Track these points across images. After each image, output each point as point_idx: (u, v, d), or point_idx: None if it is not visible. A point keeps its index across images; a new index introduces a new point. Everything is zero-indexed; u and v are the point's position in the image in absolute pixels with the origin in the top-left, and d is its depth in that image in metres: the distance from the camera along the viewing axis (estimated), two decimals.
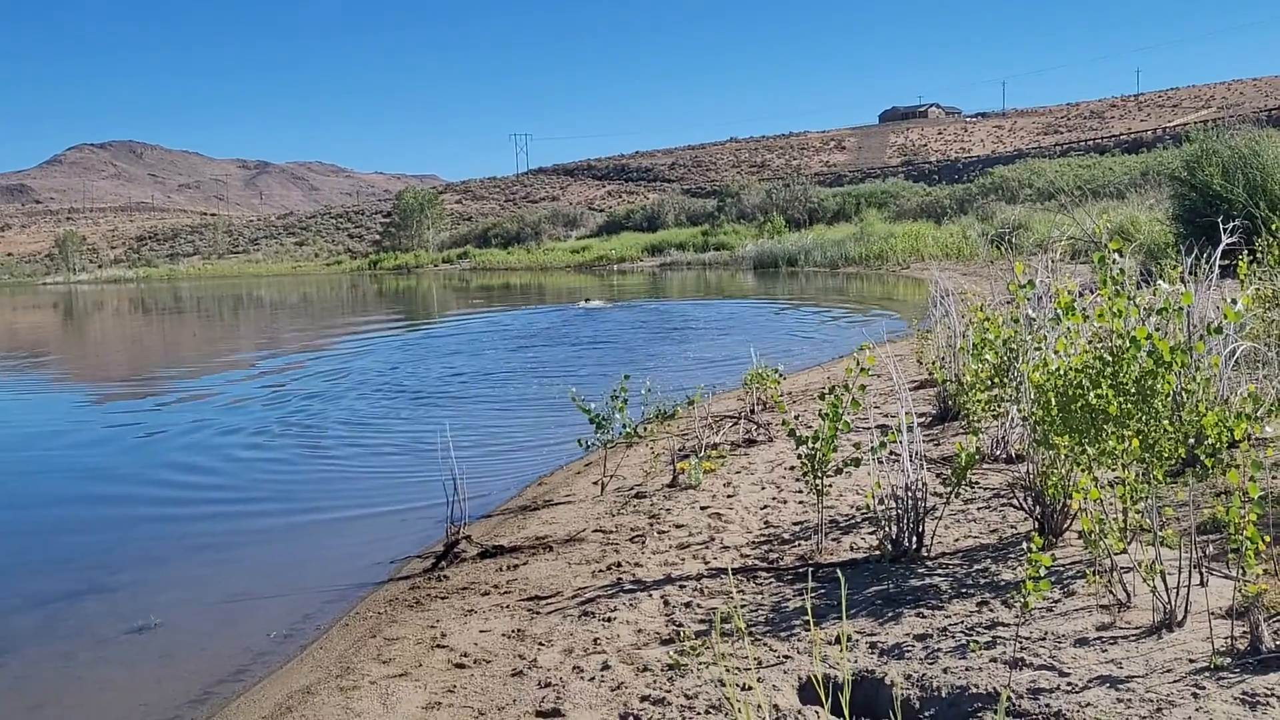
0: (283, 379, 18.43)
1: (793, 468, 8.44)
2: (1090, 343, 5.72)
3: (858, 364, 6.01)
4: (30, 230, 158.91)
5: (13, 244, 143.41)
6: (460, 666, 5.10)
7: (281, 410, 14.50)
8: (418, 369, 18.84)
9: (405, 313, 39.48)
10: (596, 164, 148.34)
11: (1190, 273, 8.25)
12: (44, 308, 57.60)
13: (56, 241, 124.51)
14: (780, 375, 10.39)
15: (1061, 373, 5.28)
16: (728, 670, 4.54)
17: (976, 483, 7.14)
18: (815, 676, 4.24)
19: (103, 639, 6.23)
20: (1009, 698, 3.95)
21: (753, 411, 10.72)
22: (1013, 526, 6.22)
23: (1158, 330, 5.95)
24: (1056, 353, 5.50)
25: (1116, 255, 5.41)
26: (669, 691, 4.42)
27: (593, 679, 4.67)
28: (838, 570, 5.62)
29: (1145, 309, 5.86)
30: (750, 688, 4.34)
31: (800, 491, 7.65)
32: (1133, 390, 4.99)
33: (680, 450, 9.02)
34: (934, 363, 9.06)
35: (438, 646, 5.41)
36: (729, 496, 7.74)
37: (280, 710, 4.92)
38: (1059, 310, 5.56)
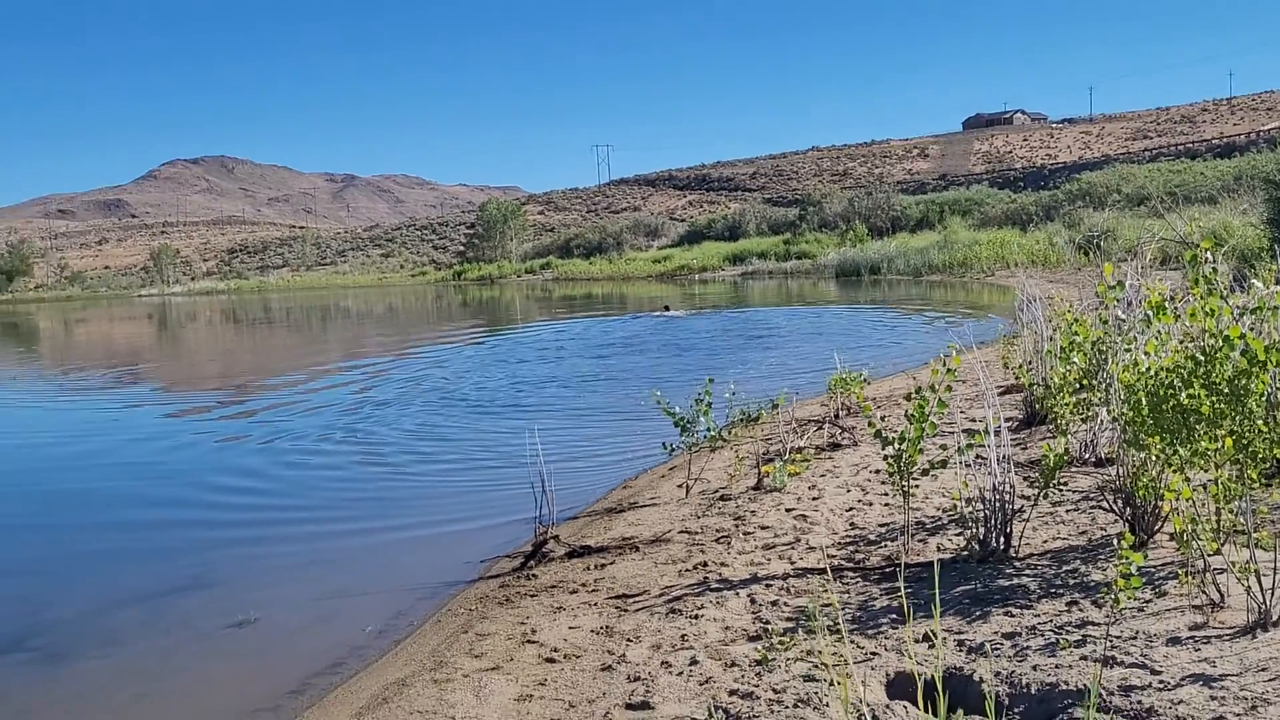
0: (371, 386, 18.77)
1: (878, 471, 8.44)
2: (1181, 343, 5.66)
3: (944, 365, 6.01)
4: (126, 244, 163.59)
5: (110, 257, 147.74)
6: (550, 661, 5.20)
7: (368, 417, 14.78)
8: (502, 377, 19.08)
9: (489, 322, 39.92)
10: (677, 174, 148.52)
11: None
12: (139, 319, 59.23)
13: (151, 254, 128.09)
14: (865, 380, 10.37)
15: (1152, 373, 5.24)
16: (816, 666, 4.58)
17: (1066, 483, 7.10)
18: (907, 671, 4.26)
19: (203, 633, 6.45)
20: (1100, 694, 3.95)
21: (837, 416, 10.71)
22: (1102, 529, 6.17)
23: (1251, 330, 5.88)
24: (1147, 354, 5.45)
25: (1209, 255, 5.34)
26: (757, 686, 4.47)
27: (681, 674, 4.74)
28: (927, 569, 5.63)
29: (1239, 308, 5.79)
30: (839, 683, 4.38)
31: (886, 494, 7.65)
32: (1225, 390, 4.93)
33: (764, 454, 9.06)
34: (1020, 367, 8.97)
35: (528, 642, 5.52)
36: (814, 499, 7.77)
37: (376, 701, 5.06)
38: (1149, 311, 5.52)
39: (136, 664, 5.99)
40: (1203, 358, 5.01)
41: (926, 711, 4.19)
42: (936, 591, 3.59)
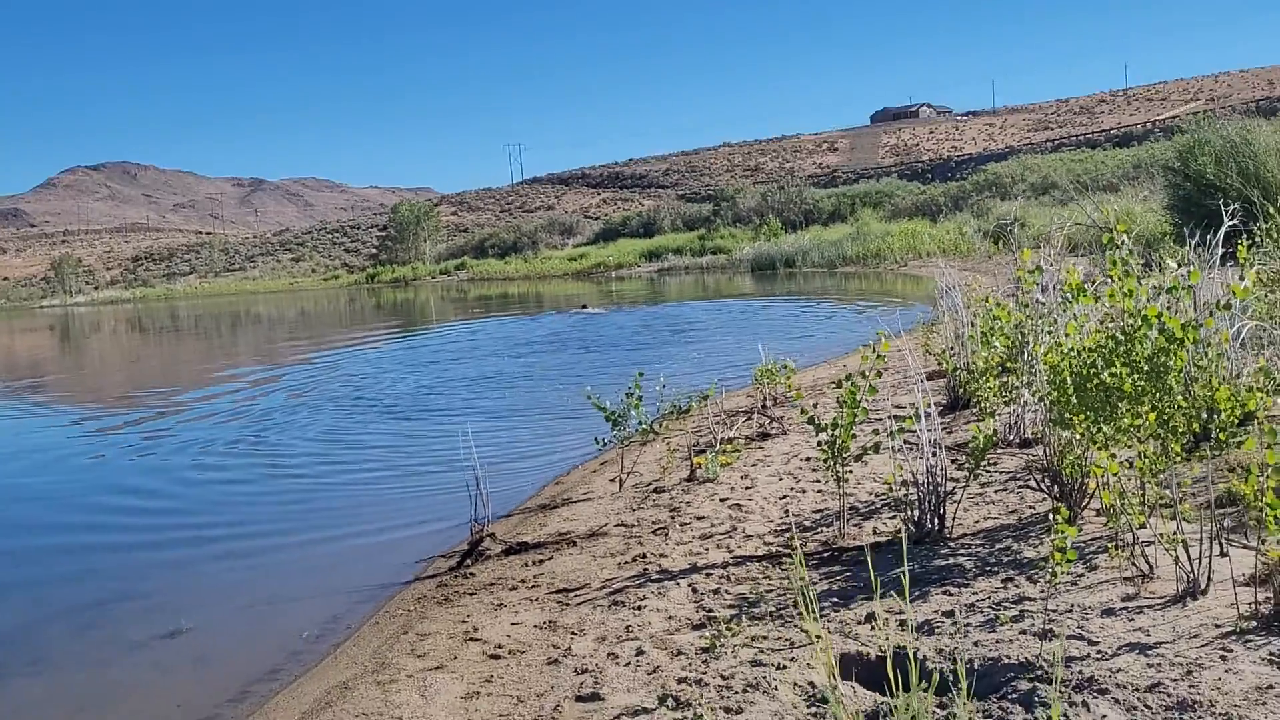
0: (283, 393, 18.48)
1: (808, 459, 8.53)
2: (1101, 324, 5.82)
3: (874, 351, 6.09)
4: (25, 254, 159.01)
5: (8, 268, 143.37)
6: (495, 657, 5.18)
7: (283, 425, 14.56)
8: (419, 379, 18.92)
9: (404, 324, 39.54)
10: (590, 172, 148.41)
11: (1189, 259, 8.38)
12: (41, 330, 57.64)
13: (52, 264, 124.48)
14: (791, 370, 10.48)
15: (1075, 353, 5.38)
16: (762, 652, 4.63)
17: (995, 463, 7.25)
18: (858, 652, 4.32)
19: (136, 644, 6.32)
20: (1041, 666, 4.04)
21: (764, 406, 10.80)
22: (1031, 507, 6.31)
23: (1168, 309, 6.06)
24: (1068, 335, 5.60)
25: (1124, 237, 5.50)
26: (705, 673, 4.50)
27: (628, 664, 4.76)
28: (863, 553, 5.71)
29: (1155, 288, 5.97)
30: (785, 667, 4.43)
31: (818, 481, 7.74)
32: (1145, 368, 5.08)
33: (695, 446, 9.11)
34: (943, 352, 9.15)
35: (471, 640, 5.49)
36: (747, 488, 7.83)
37: (320, 705, 5.00)
38: (1069, 292, 5.67)
39: (70, 680, 5.85)
40: (1123, 337, 5.15)
41: (870, 690, 4.26)
42: (873, 573, 3.64)
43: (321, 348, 29.27)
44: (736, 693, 4.27)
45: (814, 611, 2.57)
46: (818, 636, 2.69)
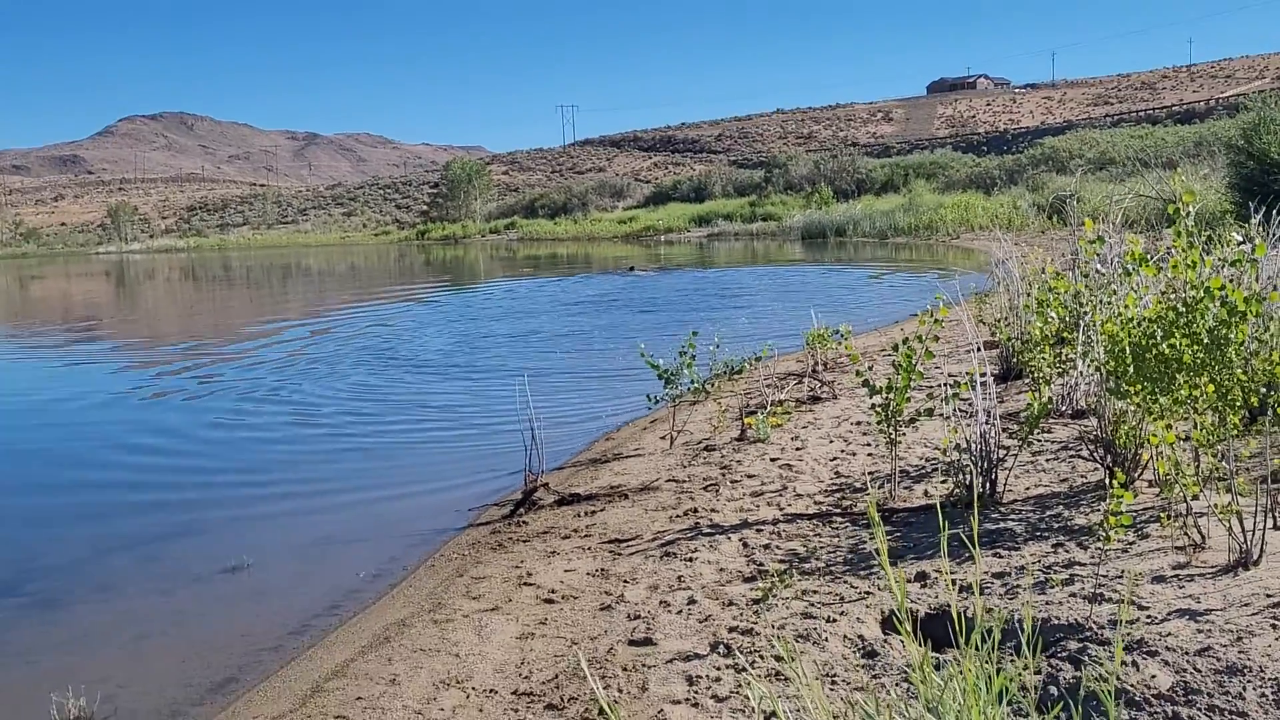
0: (339, 342, 18.72)
1: (859, 423, 8.58)
2: (1161, 296, 5.80)
3: (931, 316, 6.12)
4: (83, 200, 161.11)
5: (66, 214, 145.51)
6: (549, 602, 5.30)
7: (345, 373, 14.78)
8: (469, 333, 19.10)
9: (454, 281, 39.78)
10: (642, 135, 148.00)
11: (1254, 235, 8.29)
12: (97, 276, 58.50)
13: (109, 211, 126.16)
14: (847, 333, 10.50)
15: (1135, 323, 5.37)
16: (813, 605, 4.70)
17: (1048, 431, 7.26)
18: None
19: (198, 576, 6.51)
20: (1090, 628, 4.09)
21: (815, 370, 10.84)
22: (1083, 476, 6.32)
23: (1231, 282, 6.02)
24: (1128, 306, 5.59)
25: (1189, 208, 5.47)
26: (756, 623, 4.59)
27: (680, 612, 4.85)
28: (914, 515, 5.77)
29: (1219, 260, 5.94)
30: (835, 620, 4.50)
31: (869, 444, 7.79)
32: (1206, 340, 5.07)
33: (745, 407, 9.18)
34: (999, 322, 9.14)
35: (525, 584, 5.61)
36: (798, 449, 7.89)
37: (379, 640, 5.14)
38: (1130, 263, 5.65)
39: (135, 607, 6.05)
40: (1184, 308, 5.14)
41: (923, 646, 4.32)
42: (944, 528, 3.70)
43: (378, 299, 29.54)
44: (787, 643, 4.35)
45: (884, 557, 2.63)
46: (896, 581, 2.72)
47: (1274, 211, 8.71)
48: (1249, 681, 3.57)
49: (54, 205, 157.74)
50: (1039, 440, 7.13)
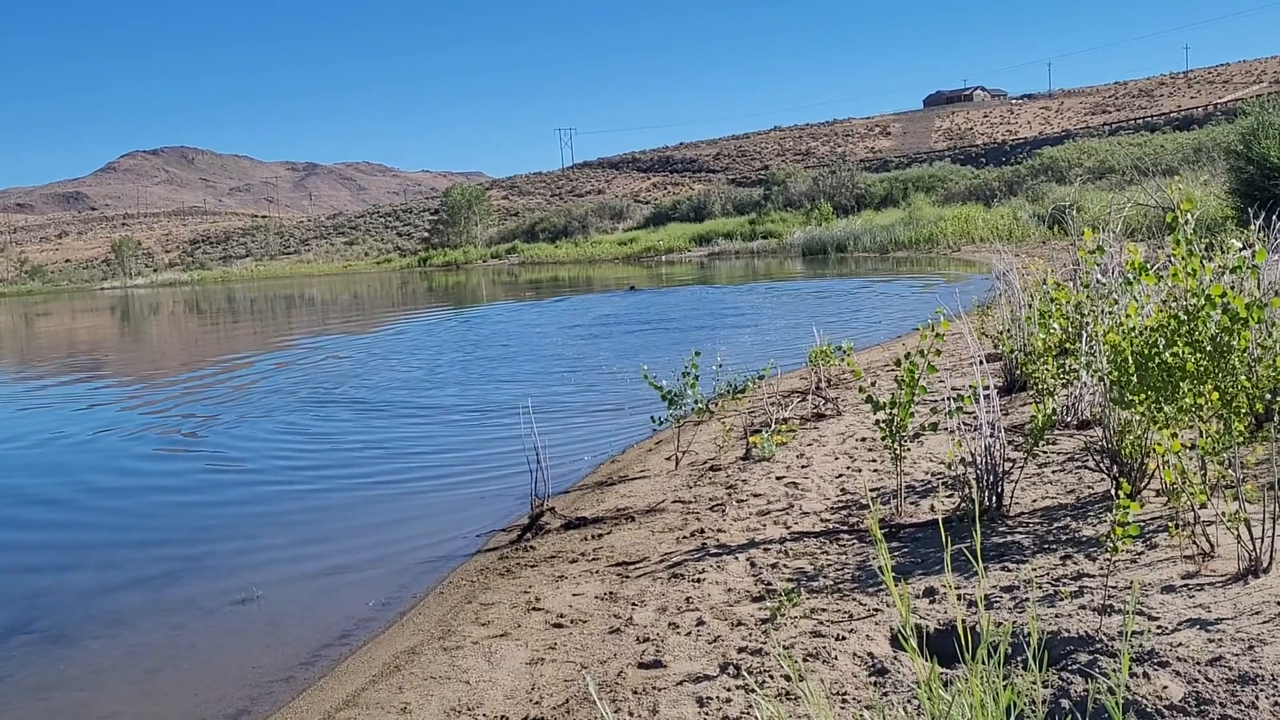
0: (343, 367, 18.73)
1: (864, 439, 8.57)
2: (1163, 304, 5.80)
3: (933, 330, 6.12)
4: (86, 237, 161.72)
5: (70, 250, 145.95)
6: (558, 626, 5.29)
7: (351, 395, 14.79)
8: (471, 355, 19.13)
9: (455, 305, 39.81)
10: (641, 156, 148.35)
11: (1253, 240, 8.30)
12: (102, 311, 58.63)
13: (113, 247, 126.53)
14: (849, 350, 10.48)
15: (1137, 332, 5.37)
16: (821, 623, 4.69)
17: (1052, 443, 7.25)
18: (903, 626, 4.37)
19: (209, 610, 6.50)
20: (1101, 640, 4.08)
21: (819, 387, 10.84)
22: (1089, 488, 6.32)
23: (1232, 289, 6.02)
24: (1129, 315, 5.59)
25: (1188, 216, 5.47)
26: (765, 643, 4.58)
27: (689, 634, 4.85)
28: (920, 530, 5.76)
29: (1220, 267, 5.94)
30: (844, 638, 4.49)
31: (874, 460, 7.79)
32: (1208, 347, 5.07)
33: (750, 425, 9.18)
34: (1002, 334, 9.14)
35: (533, 609, 5.60)
36: (803, 467, 7.89)
37: (389, 669, 5.14)
38: (1130, 272, 5.66)
39: (146, 642, 6.04)
40: (1185, 316, 5.14)
41: (932, 661, 4.31)
42: (946, 545, 3.69)
43: (379, 327, 29.58)
44: (796, 662, 4.34)
45: (888, 574, 2.63)
46: (900, 597, 2.73)
47: (1274, 216, 8.72)
48: (1262, 690, 3.55)
49: (58, 242, 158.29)
50: (1045, 452, 7.12)
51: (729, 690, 4.16)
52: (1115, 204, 13.57)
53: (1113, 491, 5.03)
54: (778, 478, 7.65)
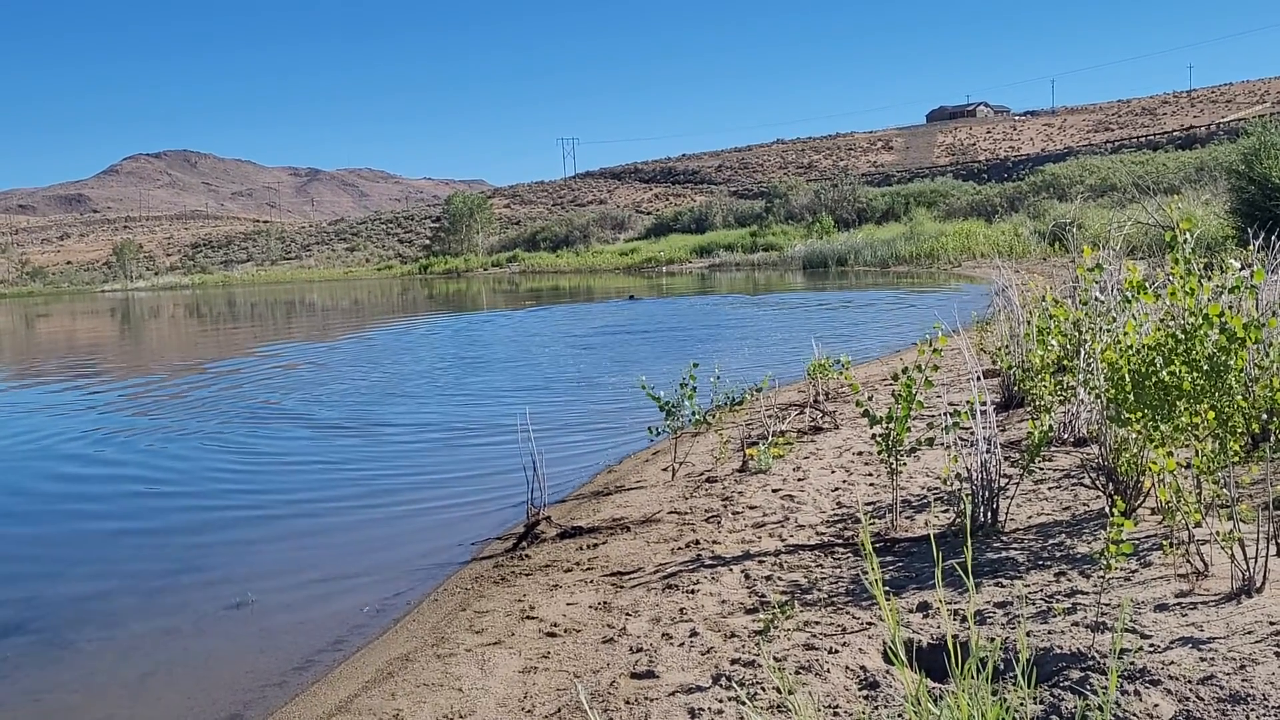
0: (339, 375, 18.73)
1: (860, 453, 8.58)
2: (1161, 323, 5.81)
3: (930, 345, 6.14)
4: (88, 239, 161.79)
5: (71, 252, 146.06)
6: (551, 635, 5.29)
7: (345, 402, 14.79)
8: (468, 363, 19.13)
9: (456, 312, 39.83)
10: (643, 167, 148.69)
11: (1252, 260, 8.31)
12: (102, 313, 58.65)
13: (114, 250, 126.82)
14: (847, 364, 10.51)
15: (1135, 350, 5.38)
16: (815, 636, 4.70)
17: (1049, 459, 7.26)
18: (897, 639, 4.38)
19: (202, 614, 6.50)
20: (1093, 657, 4.08)
21: (817, 401, 10.85)
22: (1085, 505, 6.32)
23: (1230, 308, 6.04)
24: (1127, 333, 5.60)
25: (1187, 235, 5.49)
26: (758, 655, 4.58)
27: (682, 644, 4.85)
28: (915, 544, 5.76)
29: (1217, 287, 5.95)
30: (837, 651, 4.50)
31: (870, 474, 7.79)
32: (1205, 367, 5.08)
33: (747, 438, 9.18)
34: (1000, 350, 9.16)
35: (527, 618, 5.61)
36: (799, 480, 7.89)
37: (383, 675, 5.14)
38: (1129, 290, 5.67)
39: (140, 645, 6.04)
40: (1183, 335, 5.15)
41: (924, 677, 4.31)
42: (938, 560, 3.69)
43: (380, 330, 29.59)
44: (789, 675, 4.34)
45: (879, 589, 2.64)
46: (889, 613, 2.73)
47: (1275, 236, 8.74)
48: (1252, 710, 3.56)
49: (60, 244, 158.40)
50: (1041, 468, 7.13)
51: (721, 702, 4.16)
52: (1116, 222, 13.59)
53: (1108, 509, 5.03)
54: (774, 490, 7.65)
